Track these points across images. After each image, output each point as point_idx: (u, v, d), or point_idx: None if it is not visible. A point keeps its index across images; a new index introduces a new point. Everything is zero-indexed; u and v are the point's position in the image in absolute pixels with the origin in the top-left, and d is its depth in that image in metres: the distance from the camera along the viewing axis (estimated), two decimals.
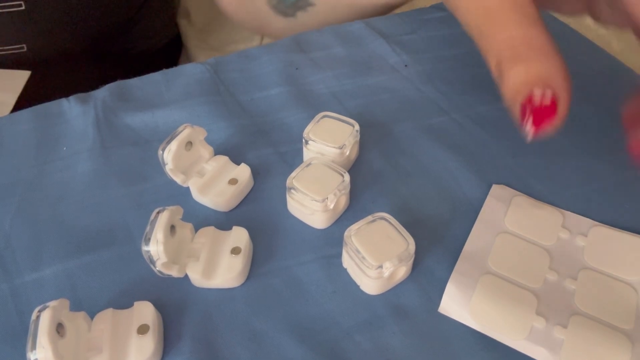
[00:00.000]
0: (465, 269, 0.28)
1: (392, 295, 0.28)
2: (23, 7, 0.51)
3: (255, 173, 0.33)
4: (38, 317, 0.23)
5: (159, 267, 0.26)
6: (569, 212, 0.31)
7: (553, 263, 0.28)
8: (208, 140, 0.33)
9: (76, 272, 0.29)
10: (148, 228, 0.26)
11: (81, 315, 0.25)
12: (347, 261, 0.29)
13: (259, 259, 0.30)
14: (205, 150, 0.33)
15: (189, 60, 0.68)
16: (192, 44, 0.68)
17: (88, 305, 0.27)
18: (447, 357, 0.26)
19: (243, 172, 0.33)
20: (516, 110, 0.23)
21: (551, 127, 0.23)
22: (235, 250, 0.29)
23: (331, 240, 0.30)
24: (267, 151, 0.35)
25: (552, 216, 0.30)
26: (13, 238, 0.31)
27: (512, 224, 0.30)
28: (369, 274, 0.27)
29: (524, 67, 0.22)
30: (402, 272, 0.28)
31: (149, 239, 0.26)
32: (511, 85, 0.23)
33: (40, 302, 0.24)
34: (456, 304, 0.27)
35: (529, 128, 0.23)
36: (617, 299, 0.27)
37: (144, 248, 0.26)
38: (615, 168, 0.34)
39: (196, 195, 0.32)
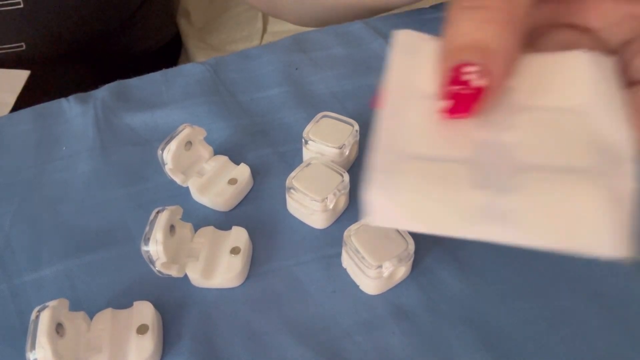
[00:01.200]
0: (384, 163, 0.22)
1: (392, 295, 0.28)
2: (22, 6, 0.51)
3: (254, 173, 0.33)
4: (37, 317, 0.23)
5: (158, 267, 0.26)
6: None
7: (485, 119, 0.22)
8: (208, 140, 0.33)
9: (76, 272, 0.29)
10: (147, 228, 0.26)
11: (80, 315, 0.25)
12: (346, 261, 0.29)
13: (259, 259, 0.30)
14: (205, 150, 0.33)
15: (188, 60, 0.68)
16: (192, 43, 0.68)
17: (87, 305, 0.27)
18: (447, 357, 0.26)
19: (242, 172, 0.33)
20: (442, 74, 0.21)
21: (463, 115, 0.21)
22: (235, 250, 0.29)
23: (331, 240, 0.30)
24: (266, 151, 0.35)
25: None
26: (13, 238, 0.31)
27: (431, 84, 0.23)
28: (368, 274, 0.27)
29: (470, 24, 0.20)
30: (402, 272, 0.28)
31: (149, 239, 0.26)
32: (448, 41, 0.21)
33: (40, 302, 0.24)
34: (388, 217, 0.22)
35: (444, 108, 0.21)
36: (562, 134, 0.22)
37: (144, 248, 0.26)
38: None
39: (196, 195, 0.32)
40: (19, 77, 0.47)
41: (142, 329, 0.25)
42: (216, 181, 0.32)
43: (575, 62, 0.23)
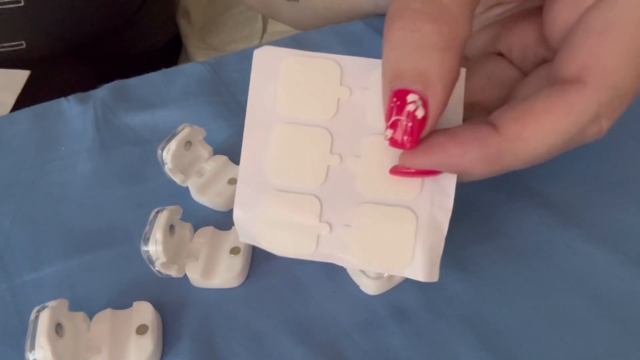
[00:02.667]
0: (245, 192, 0.24)
1: (392, 295, 0.28)
2: (22, 4, 0.51)
3: None
4: (37, 317, 0.23)
5: (158, 267, 0.26)
6: (346, 58, 0.25)
7: (335, 144, 0.24)
8: (207, 140, 0.33)
9: (75, 272, 0.29)
10: (147, 228, 0.26)
11: (80, 316, 0.25)
12: None
13: (259, 259, 0.30)
14: (205, 150, 0.33)
15: (188, 60, 0.68)
16: (192, 43, 0.68)
17: (87, 305, 0.27)
18: (447, 357, 0.26)
19: None
20: (385, 102, 0.21)
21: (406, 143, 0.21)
22: (235, 250, 0.29)
23: None
24: None
25: (329, 73, 0.25)
26: (12, 238, 0.31)
27: (285, 106, 0.25)
28: (368, 274, 0.27)
29: (407, 50, 0.20)
30: None
31: (148, 239, 0.26)
32: (386, 67, 0.21)
33: (40, 302, 0.24)
34: (249, 235, 0.24)
35: (387, 133, 0.21)
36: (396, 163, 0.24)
37: (143, 248, 0.26)
38: (615, 168, 0.34)
39: (195, 195, 0.32)
40: (19, 77, 0.47)
41: (141, 329, 0.25)
42: (216, 181, 0.32)
43: None
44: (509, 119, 0.21)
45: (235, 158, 0.34)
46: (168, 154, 0.30)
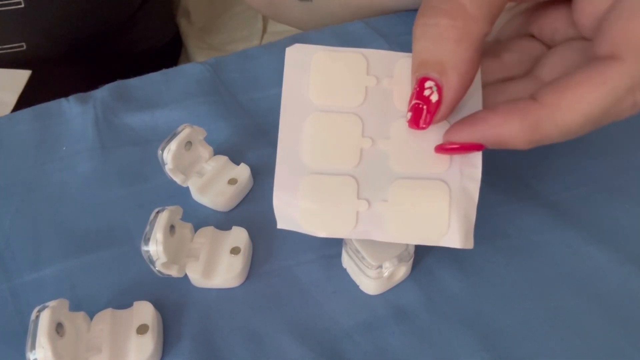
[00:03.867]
0: (284, 178, 0.26)
1: (392, 295, 0.28)
2: (23, 5, 0.51)
3: (255, 173, 0.33)
4: (37, 317, 0.23)
5: (158, 267, 0.26)
6: (371, 51, 0.27)
7: (366, 128, 0.26)
8: (208, 140, 0.33)
9: (75, 272, 0.29)
10: (147, 228, 0.26)
11: (80, 315, 0.25)
12: (346, 261, 0.29)
13: (259, 259, 0.30)
14: (205, 150, 0.33)
15: (188, 60, 0.68)
16: (192, 43, 0.68)
17: (87, 305, 0.27)
18: (447, 357, 0.26)
19: (243, 172, 0.33)
20: (412, 85, 0.23)
21: (422, 124, 0.23)
22: (235, 250, 0.29)
23: (331, 240, 0.30)
24: (266, 151, 0.35)
25: (356, 65, 0.27)
26: (13, 238, 0.31)
27: (318, 95, 0.26)
28: (368, 274, 0.27)
29: (427, 41, 0.22)
30: (402, 272, 0.28)
31: (149, 239, 0.26)
32: (413, 57, 0.23)
33: (40, 302, 0.24)
34: (289, 220, 0.25)
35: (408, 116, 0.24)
36: (430, 141, 0.25)
37: (144, 248, 0.26)
38: (615, 168, 0.34)
39: (196, 195, 0.32)
40: (19, 77, 0.47)
41: (142, 329, 0.25)
42: (216, 181, 0.32)
43: None
44: (548, 91, 0.22)
45: (235, 158, 0.34)
46: (168, 154, 0.30)
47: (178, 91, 0.39)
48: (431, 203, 0.24)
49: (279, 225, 0.26)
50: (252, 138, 0.36)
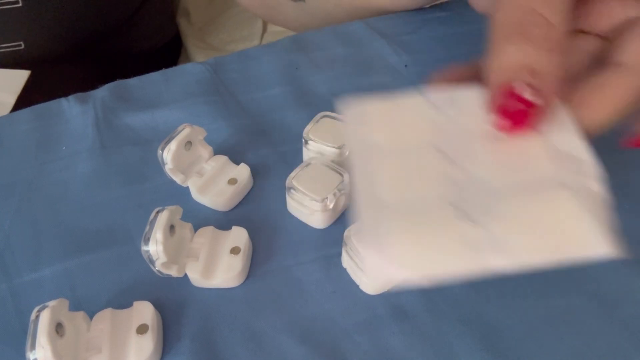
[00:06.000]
0: (369, 219, 0.22)
1: (392, 295, 0.28)
2: (20, 4, 0.51)
3: (254, 173, 0.33)
4: (37, 316, 0.23)
5: (158, 266, 0.26)
6: (424, 91, 0.26)
7: (445, 154, 0.23)
8: (207, 140, 0.33)
9: (75, 271, 0.29)
10: (147, 228, 0.26)
11: (80, 315, 0.25)
12: (346, 261, 0.29)
13: (259, 259, 0.30)
14: (205, 150, 0.33)
15: (188, 60, 0.68)
16: (192, 43, 0.68)
17: (87, 305, 0.27)
18: (447, 357, 0.26)
19: (242, 171, 0.33)
20: (492, 94, 0.22)
21: (521, 131, 0.22)
22: (235, 250, 0.29)
23: (331, 240, 0.30)
24: (266, 151, 0.35)
25: (416, 103, 0.25)
26: (13, 238, 0.31)
27: (385, 140, 0.25)
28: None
29: (517, 47, 0.22)
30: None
31: (149, 239, 0.26)
32: (496, 64, 0.22)
33: (40, 301, 0.24)
34: (382, 267, 0.21)
35: (497, 122, 0.22)
36: (519, 155, 0.23)
37: (144, 248, 0.26)
38: (614, 168, 0.34)
39: (195, 195, 0.32)
40: (19, 77, 0.47)
41: (142, 329, 0.25)
42: (216, 181, 0.32)
43: None
44: None
45: (235, 158, 0.34)
46: (168, 154, 0.30)
47: (178, 91, 0.39)
48: (555, 212, 0.20)
49: (375, 280, 0.25)
50: (252, 138, 0.36)
